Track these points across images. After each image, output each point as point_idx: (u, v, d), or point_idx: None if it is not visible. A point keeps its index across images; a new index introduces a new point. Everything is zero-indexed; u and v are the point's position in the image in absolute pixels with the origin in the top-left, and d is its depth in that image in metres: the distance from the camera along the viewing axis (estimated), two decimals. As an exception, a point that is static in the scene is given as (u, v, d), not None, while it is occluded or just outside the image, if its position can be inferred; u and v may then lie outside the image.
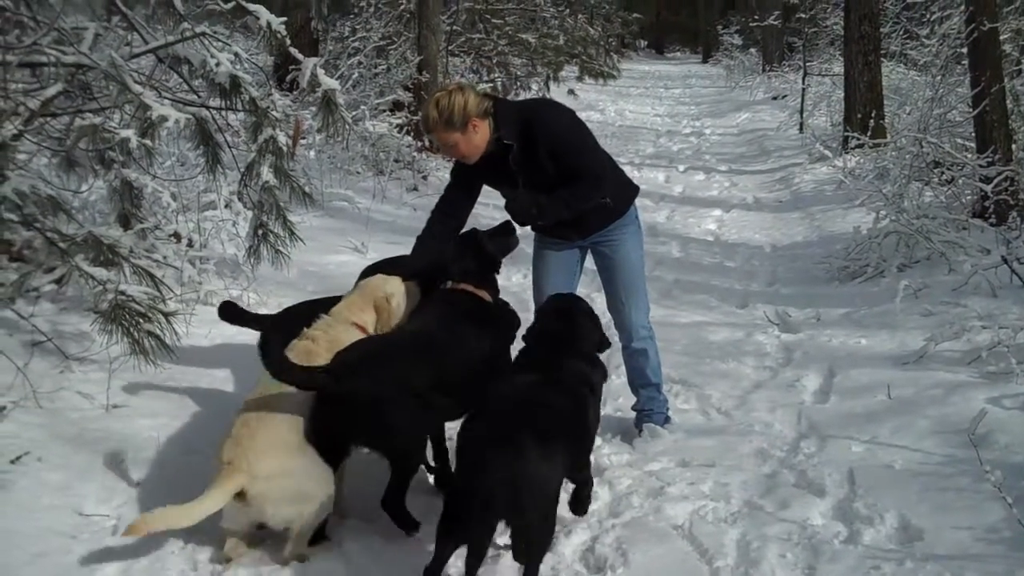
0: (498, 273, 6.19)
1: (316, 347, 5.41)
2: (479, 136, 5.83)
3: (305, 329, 5.57)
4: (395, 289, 5.82)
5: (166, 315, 4.54)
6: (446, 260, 6.07)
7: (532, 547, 4.57)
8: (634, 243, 6.47)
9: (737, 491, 5.72)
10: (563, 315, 5.60)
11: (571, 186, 5.97)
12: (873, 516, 5.25)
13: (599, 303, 6.74)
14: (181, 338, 6.34)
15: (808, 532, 5.20)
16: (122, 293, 4.33)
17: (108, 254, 4.61)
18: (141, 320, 4.35)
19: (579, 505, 5.46)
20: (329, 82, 5.76)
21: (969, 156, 11.35)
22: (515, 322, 6.13)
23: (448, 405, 5.46)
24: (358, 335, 5.57)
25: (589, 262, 6.63)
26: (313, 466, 4.99)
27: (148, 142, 5.27)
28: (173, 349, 4.67)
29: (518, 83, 22.57)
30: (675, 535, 5.27)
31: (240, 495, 4.80)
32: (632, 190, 6.51)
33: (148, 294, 4.48)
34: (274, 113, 5.82)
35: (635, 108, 28.82)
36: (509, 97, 21.38)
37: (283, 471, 4.87)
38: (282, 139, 5.78)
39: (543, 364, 5.25)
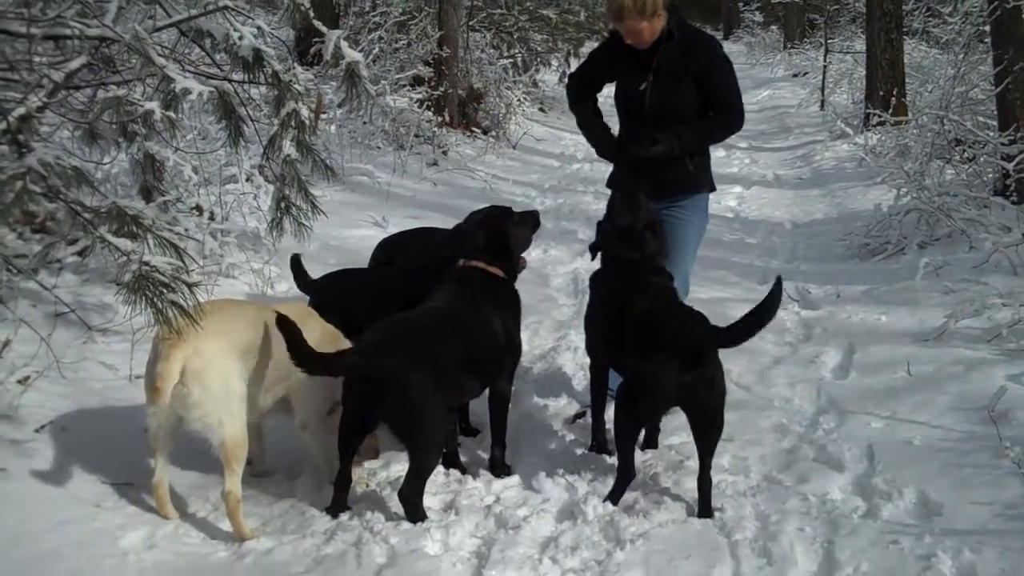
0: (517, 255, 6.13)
1: None
2: (659, 24, 6.07)
3: None
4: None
5: (189, 286, 4.55)
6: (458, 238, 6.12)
7: (715, 433, 5.34)
8: (698, 228, 6.63)
9: (756, 465, 5.75)
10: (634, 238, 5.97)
11: (710, 118, 6.30)
12: (892, 491, 5.27)
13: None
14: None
15: (827, 507, 5.22)
16: (146, 263, 4.35)
17: (132, 225, 4.62)
18: (165, 290, 4.37)
19: None
20: (353, 54, 5.74)
21: (991, 134, 11.31)
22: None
23: (469, 383, 5.54)
24: None
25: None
26: (242, 390, 5.00)
27: (172, 114, 5.28)
28: (196, 320, 4.69)
29: (538, 59, 22.51)
30: (694, 508, 5.29)
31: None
32: (711, 178, 6.75)
33: (172, 264, 4.49)
34: (297, 86, 5.81)
35: (655, 84, 28.62)
36: (530, 74, 21.36)
37: (220, 362, 4.89)
38: (305, 112, 5.77)
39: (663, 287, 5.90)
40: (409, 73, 16.03)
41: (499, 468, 5.78)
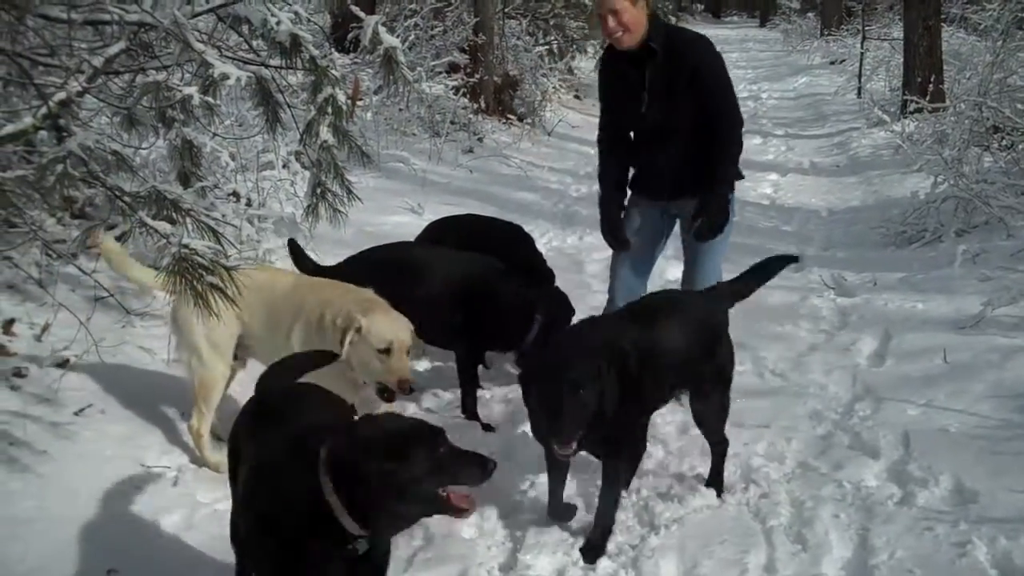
0: None
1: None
2: (640, 14, 5.86)
3: None
4: (374, 328, 5.17)
5: (228, 270, 4.58)
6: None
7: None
8: (724, 233, 6.26)
9: (791, 452, 5.75)
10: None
11: (718, 150, 6.02)
12: (927, 478, 5.25)
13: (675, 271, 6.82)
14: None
15: (862, 493, 5.22)
16: (185, 246, 4.38)
17: (171, 210, 4.66)
18: (204, 273, 4.40)
19: None
20: (390, 40, 5.75)
21: (1030, 121, 11.22)
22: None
23: None
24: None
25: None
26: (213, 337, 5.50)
27: (211, 99, 5.32)
28: (236, 302, 4.72)
29: (574, 45, 22.47)
30: (729, 494, 5.30)
31: None
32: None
33: (211, 248, 4.52)
34: (334, 72, 5.83)
35: (691, 72, 28.54)
36: (566, 61, 21.32)
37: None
38: (342, 98, 5.79)
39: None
40: (445, 60, 16.05)
41: None
